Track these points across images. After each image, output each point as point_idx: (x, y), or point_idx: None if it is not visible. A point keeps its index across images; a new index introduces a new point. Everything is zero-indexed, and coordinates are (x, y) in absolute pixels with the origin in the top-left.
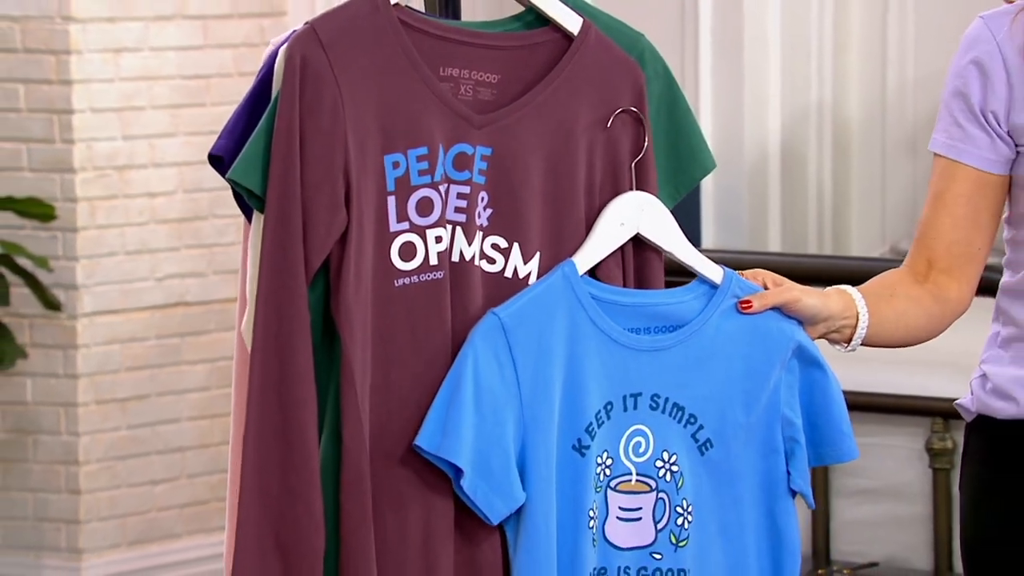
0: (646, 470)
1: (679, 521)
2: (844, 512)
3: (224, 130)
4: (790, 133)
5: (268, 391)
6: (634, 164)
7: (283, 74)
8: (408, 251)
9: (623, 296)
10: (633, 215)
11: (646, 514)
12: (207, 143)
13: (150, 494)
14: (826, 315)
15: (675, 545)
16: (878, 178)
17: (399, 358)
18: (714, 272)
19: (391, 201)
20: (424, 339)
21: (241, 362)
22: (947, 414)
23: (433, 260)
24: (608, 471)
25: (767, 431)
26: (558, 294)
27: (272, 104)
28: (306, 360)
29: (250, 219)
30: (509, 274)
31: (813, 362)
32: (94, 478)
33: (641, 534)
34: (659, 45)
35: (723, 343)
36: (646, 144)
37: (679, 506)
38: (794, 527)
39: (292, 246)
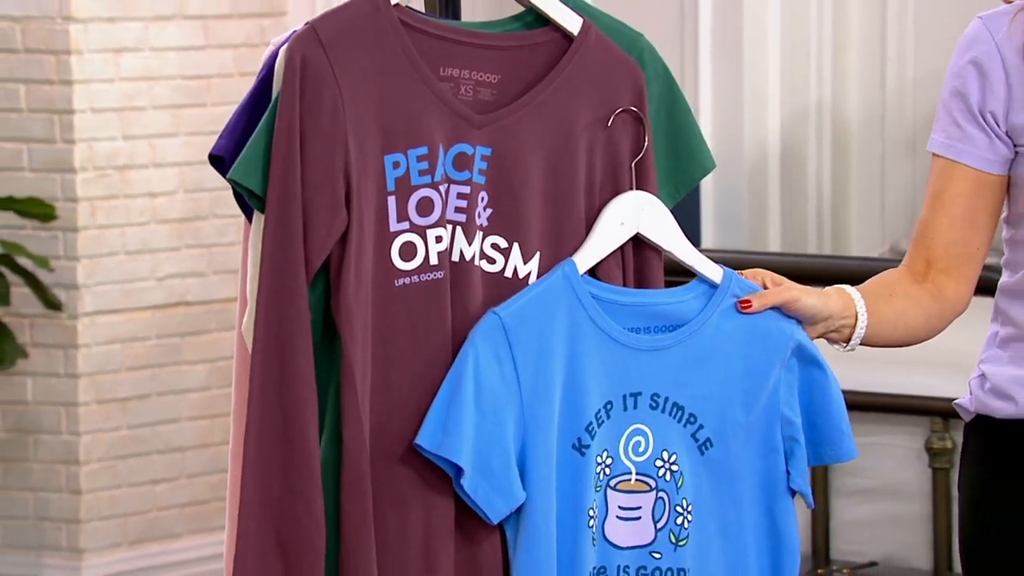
0: (646, 469)
1: (679, 520)
2: (843, 511)
3: (225, 130)
4: (789, 133)
5: (269, 391)
6: (634, 164)
7: (283, 74)
8: (408, 251)
9: (623, 295)
10: (633, 215)
11: (646, 513)
12: (208, 143)
13: (151, 494)
14: (825, 315)
15: (675, 544)
16: (877, 178)
17: (399, 358)
18: (714, 272)
19: (391, 201)
20: (424, 339)
21: (241, 362)
22: (946, 414)
23: (433, 260)
24: (608, 470)
25: (767, 430)
26: (558, 293)
27: (272, 104)
28: (306, 360)
29: (250, 219)
30: (509, 274)
31: (812, 361)
32: (95, 478)
33: (641, 533)
34: (659, 45)
35: (723, 342)
36: (646, 144)
37: (679, 505)
38: (793, 526)
39: (293, 246)
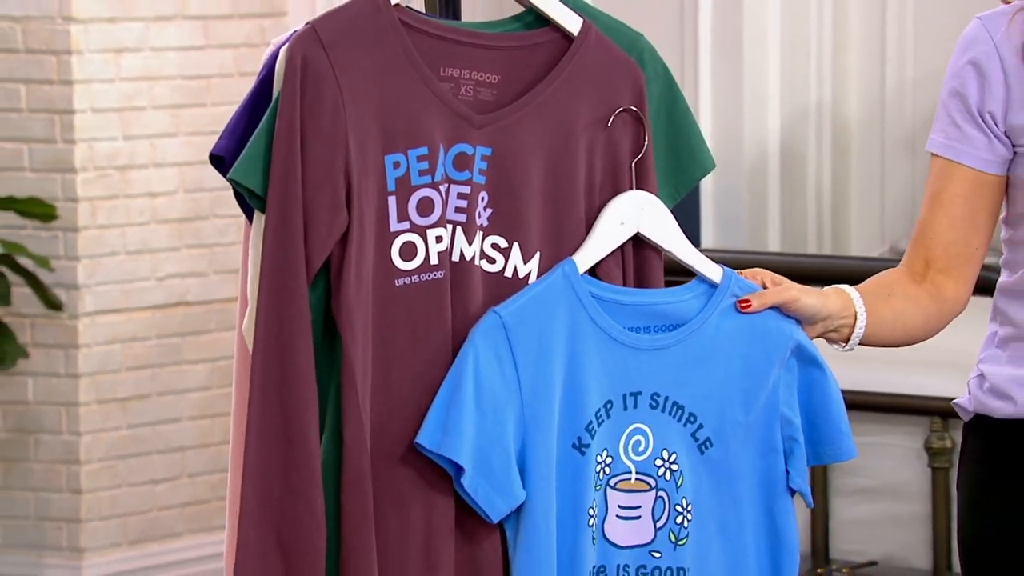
0: (646, 469)
1: (678, 520)
2: (843, 511)
3: (225, 130)
4: (789, 133)
5: (269, 391)
6: (634, 164)
7: (284, 74)
8: (409, 251)
9: (623, 295)
10: (633, 214)
11: (645, 513)
12: (208, 143)
13: (151, 493)
14: (825, 314)
15: (674, 544)
16: (877, 178)
17: (400, 358)
18: (713, 271)
19: (392, 201)
20: (424, 339)
21: (242, 361)
22: (946, 413)
23: (433, 260)
24: (608, 469)
25: (766, 430)
26: (558, 293)
27: (273, 104)
28: (307, 360)
29: (251, 219)
30: (509, 274)
31: (812, 361)
32: (95, 477)
33: (640, 532)
34: (659, 45)
35: (722, 342)
36: (646, 144)
37: (678, 505)
38: (793, 526)
39: (293, 246)
